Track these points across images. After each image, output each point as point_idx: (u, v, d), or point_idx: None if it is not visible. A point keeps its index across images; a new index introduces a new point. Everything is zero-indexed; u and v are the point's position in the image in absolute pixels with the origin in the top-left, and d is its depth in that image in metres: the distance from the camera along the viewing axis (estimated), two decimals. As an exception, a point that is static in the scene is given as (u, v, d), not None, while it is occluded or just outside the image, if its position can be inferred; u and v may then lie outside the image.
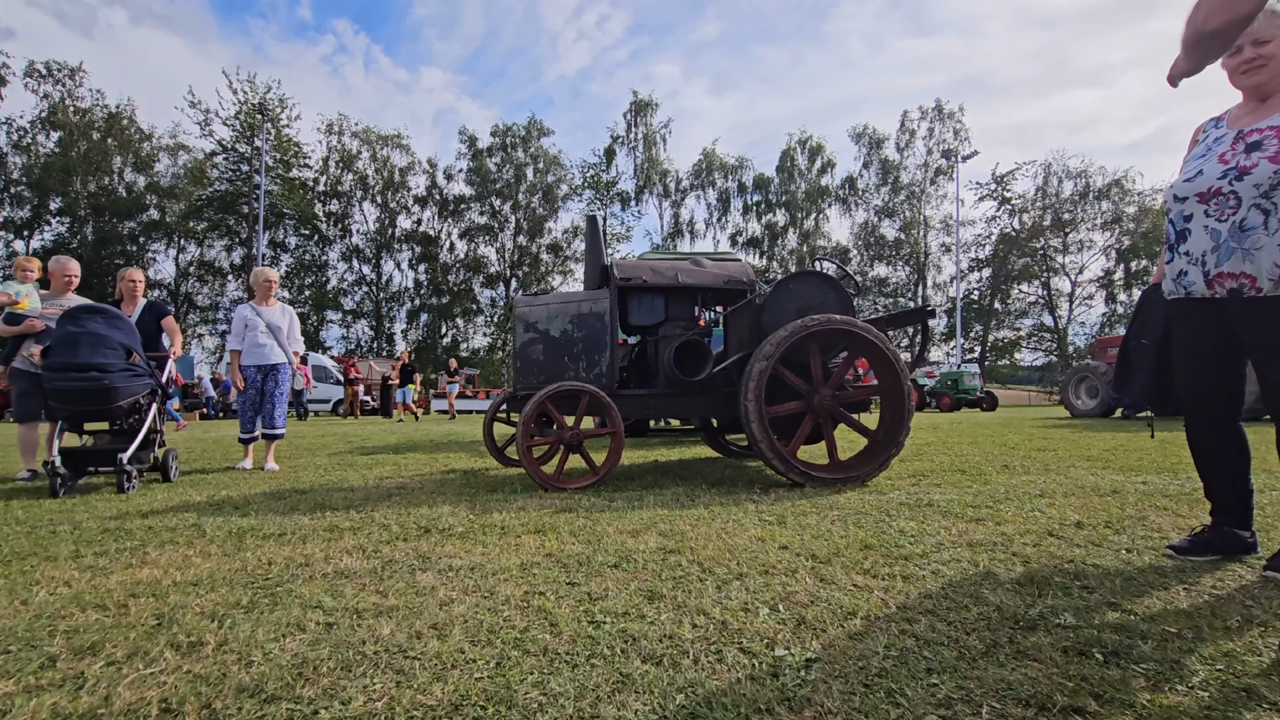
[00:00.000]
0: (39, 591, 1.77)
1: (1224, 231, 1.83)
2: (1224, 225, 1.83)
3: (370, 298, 40.40)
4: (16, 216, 33.43)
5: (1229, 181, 1.83)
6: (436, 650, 1.32)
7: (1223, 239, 1.83)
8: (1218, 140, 1.94)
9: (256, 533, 2.51)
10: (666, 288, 4.09)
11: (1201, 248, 1.88)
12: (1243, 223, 1.80)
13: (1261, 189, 1.77)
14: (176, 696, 1.14)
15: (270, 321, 5.05)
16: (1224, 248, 1.83)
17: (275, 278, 5.34)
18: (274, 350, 5.02)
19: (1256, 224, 1.77)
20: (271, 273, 5.34)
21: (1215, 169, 1.87)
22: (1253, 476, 2.08)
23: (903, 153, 39.46)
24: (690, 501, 3.10)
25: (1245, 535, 1.99)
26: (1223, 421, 2.03)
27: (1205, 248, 1.87)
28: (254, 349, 4.98)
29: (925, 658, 1.26)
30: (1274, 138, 1.79)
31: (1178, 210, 1.96)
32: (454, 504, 3.11)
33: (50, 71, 33.10)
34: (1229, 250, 1.82)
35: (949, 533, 2.34)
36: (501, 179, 39.95)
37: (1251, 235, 1.78)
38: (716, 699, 1.11)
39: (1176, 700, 1.08)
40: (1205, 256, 1.87)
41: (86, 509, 3.14)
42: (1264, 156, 1.78)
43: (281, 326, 5.10)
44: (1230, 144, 1.89)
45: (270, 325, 5.04)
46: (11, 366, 4.35)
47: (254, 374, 4.97)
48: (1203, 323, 1.95)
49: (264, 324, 5.01)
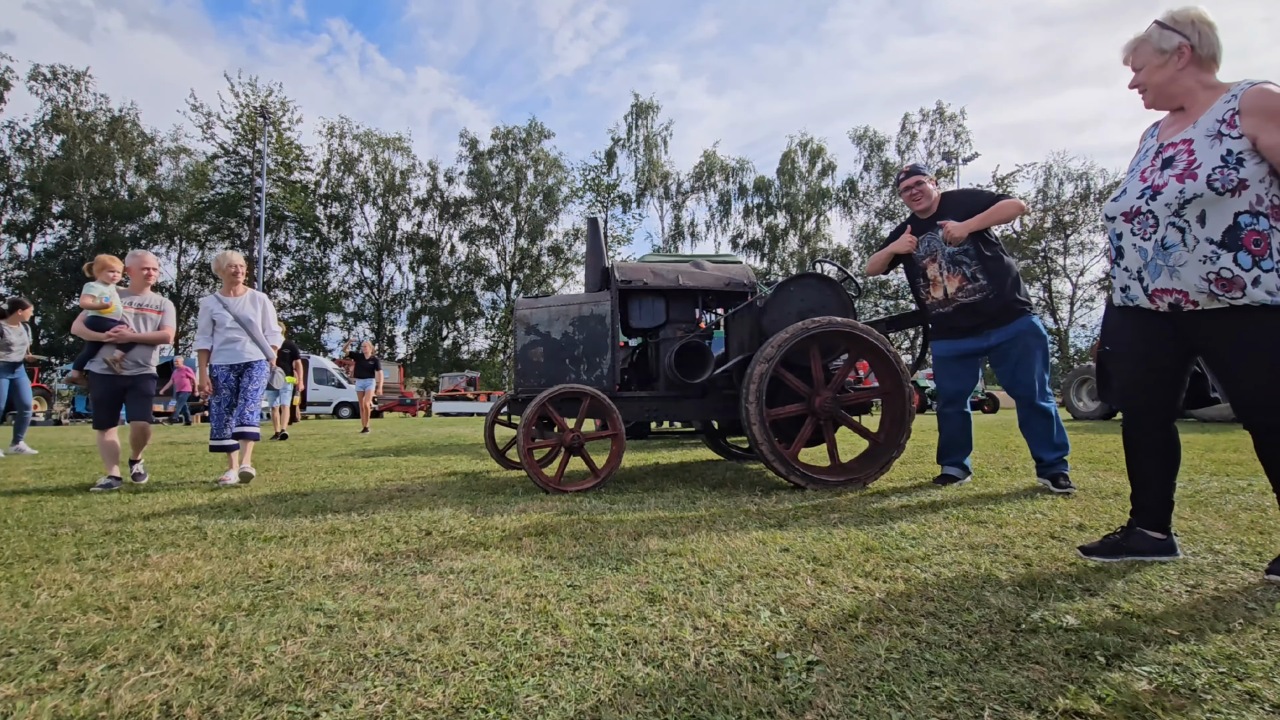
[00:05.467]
0: (40, 594, 1.77)
1: (1149, 250, 1.88)
2: (1148, 244, 1.88)
3: (371, 300, 40.45)
4: (19, 220, 33.55)
5: (1145, 201, 1.88)
6: (437, 653, 1.32)
7: (1149, 257, 1.88)
8: (1145, 154, 2.00)
9: (258, 535, 2.51)
10: (667, 290, 4.09)
11: (1135, 265, 1.94)
12: (1163, 241, 1.84)
13: (1172, 208, 1.82)
14: (178, 699, 1.14)
15: (239, 314, 4.39)
16: (1151, 265, 1.88)
17: (240, 262, 4.53)
18: (247, 346, 4.40)
19: (1176, 242, 1.82)
20: (235, 256, 4.53)
21: (1136, 188, 1.93)
22: (1249, 480, 2.07)
23: (904, 155, 39.46)
24: (691, 504, 3.10)
25: (1159, 537, 1.98)
26: (1158, 424, 2.02)
27: (1138, 265, 1.92)
28: (224, 346, 4.37)
29: (927, 660, 1.26)
30: (1185, 153, 1.84)
31: (1111, 229, 2.02)
32: (455, 506, 3.11)
33: (55, 75, 33.26)
34: (1156, 268, 1.87)
35: (950, 535, 2.33)
36: (502, 181, 40.03)
37: (1174, 253, 1.82)
38: (718, 702, 1.10)
39: (1179, 703, 1.08)
40: (1141, 272, 1.92)
41: (88, 511, 3.14)
42: (1173, 175, 1.83)
43: (253, 318, 4.45)
44: (1151, 159, 1.94)
45: (240, 318, 4.39)
46: (88, 370, 4.16)
47: (226, 374, 4.35)
48: (1149, 326, 1.97)
49: (232, 317, 4.37)
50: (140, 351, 4.23)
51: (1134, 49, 1.95)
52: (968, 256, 3.47)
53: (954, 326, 3.59)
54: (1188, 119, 1.89)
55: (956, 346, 3.62)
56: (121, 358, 4.14)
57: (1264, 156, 1.73)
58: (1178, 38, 1.86)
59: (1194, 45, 1.85)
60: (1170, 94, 1.92)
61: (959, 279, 3.49)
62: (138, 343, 4.21)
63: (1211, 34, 1.86)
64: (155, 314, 4.36)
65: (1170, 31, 1.87)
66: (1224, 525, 2.42)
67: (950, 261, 3.52)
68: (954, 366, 3.66)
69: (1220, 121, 1.79)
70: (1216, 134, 1.79)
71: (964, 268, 3.48)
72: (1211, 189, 1.75)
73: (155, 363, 4.34)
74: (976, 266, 3.45)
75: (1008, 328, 3.43)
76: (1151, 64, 1.91)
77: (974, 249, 3.46)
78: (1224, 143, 1.77)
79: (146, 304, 4.35)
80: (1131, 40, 1.96)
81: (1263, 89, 1.75)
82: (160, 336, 4.34)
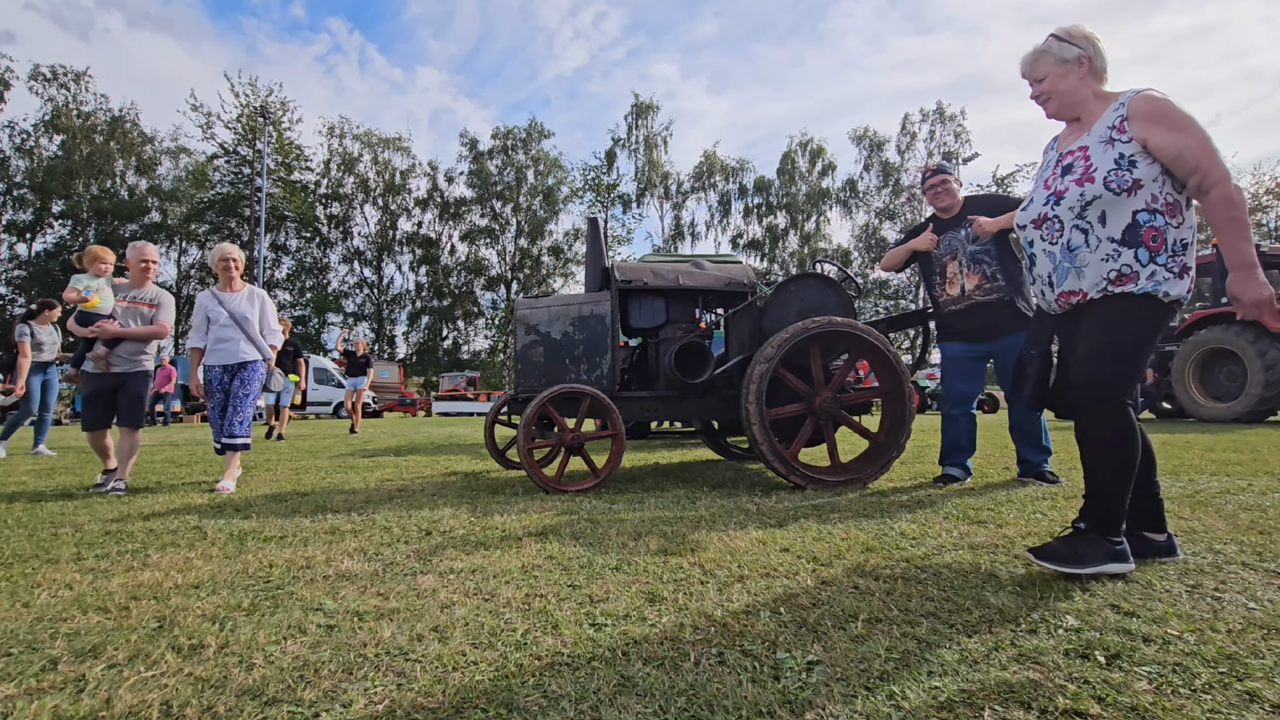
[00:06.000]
0: (40, 594, 1.77)
1: (1057, 254, 1.97)
2: (1056, 248, 1.97)
3: (371, 300, 40.46)
4: (19, 219, 33.57)
5: (1050, 207, 1.97)
6: (438, 653, 1.32)
7: (1058, 261, 1.97)
8: (1047, 165, 2.08)
9: (258, 535, 2.51)
10: (667, 290, 4.09)
11: (1044, 271, 2.02)
12: (1069, 243, 1.93)
13: (1075, 211, 1.91)
14: (178, 699, 1.14)
15: (235, 310, 4.12)
16: (1059, 269, 1.97)
17: (237, 255, 4.22)
18: (241, 345, 4.11)
19: (1080, 244, 1.91)
20: (232, 249, 4.21)
21: (1041, 196, 2.01)
22: (1249, 480, 2.07)
23: (904, 155, 39.49)
24: (691, 504, 3.10)
25: (1158, 538, 1.96)
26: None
27: (1047, 270, 2.01)
28: (218, 345, 4.10)
29: (927, 660, 1.26)
30: (1082, 159, 1.92)
31: (1024, 238, 2.11)
32: (455, 506, 3.11)
33: (55, 75, 33.27)
34: (1064, 271, 1.95)
35: (950, 535, 2.33)
36: (502, 181, 40.04)
37: (1078, 254, 1.91)
38: (718, 701, 1.10)
39: (1179, 703, 1.08)
40: (1051, 277, 2.00)
41: (88, 511, 3.14)
42: (1072, 180, 1.92)
43: (250, 316, 4.17)
44: (1053, 168, 2.02)
45: (235, 315, 4.11)
46: (82, 369, 3.94)
47: (219, 375, 4.10)
48: (1063, 331, 2.05)
49: (227, 314, 4.10)
50: (130, 348, 3.98)
51: (1034, 60, 2.02)
52: (989, 256, 3.54)
53: (967, 328, 3.63)
54: (1083, 129, 1.99)
55: (970, 349, 3.67)
56: (107, 354, 3.89)
57: (1155, 157, 1.82)
58: (1076, 50, 1.96)
59: (1090, 57, 1.95)
60: (1071, 103, 1.99)
61: (979, 277, 3.56)
62: (124, 338, 3.95)
63: (1102, 48, 1.97)
64: (148, 308, 4.09)
65: (1068, 44, 1.96)
66: (1224, 525, 2.42)
67: (971, 260, 3.58)
68: (965, 367, 3.71)
69: (1111, 128, 1.88)
70: (1109, 140, 1.88)
71: (985, 266, 3.55)
72: (1109, 190, 1.84)
73: (150, 360, 4.11)
74: (997, 267, 3.53)
75: (1019, 335, 3.49)
76: (1054, 73, 1.99)
77: (996, 250, 3.55)
78: (1116, 147, 1.86)
79: (140, 297, 4.08)
80: (1030, 53, 2.03)
81: (1147, 95, 1.86)
82: (149, 332, 4.04)
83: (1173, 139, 1.78)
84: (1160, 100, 1.83)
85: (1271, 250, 9.69)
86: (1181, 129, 1.78)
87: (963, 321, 3.65)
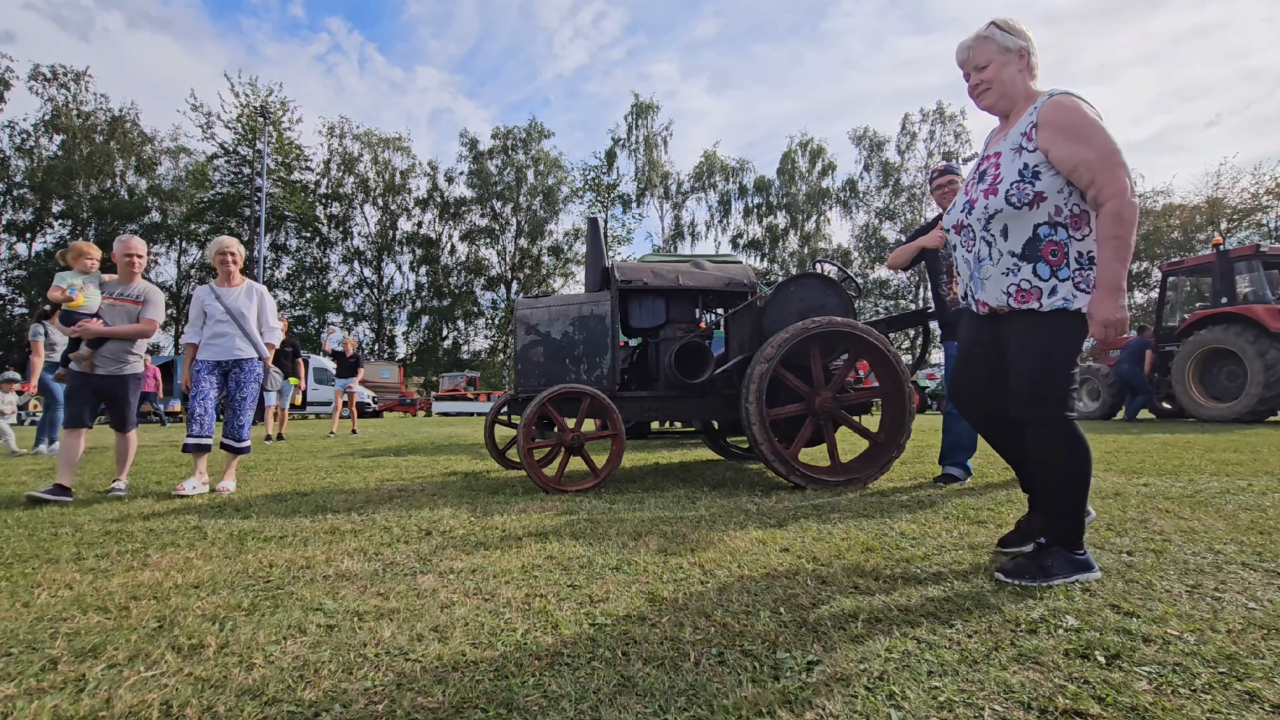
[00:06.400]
0: (40, 594, 1.77)
1: (971, 261, 1.98)
2: (970, 256, 1.98)
3: (371, 300, 40.47)
4: (19, 219, 33.58)
5: (965, 215, 1.96)
6: (437, 653, 1.32)
7: (972, 268, 1.98)
8: (974, 168, 2.05)
9: (257, 535, 2.51)
10: (667, 290, 4.09)
11: (965, 274, 2.04)
12: (978, 254, 1.94)
13: (982, 223, 1.89)
14: (178, 699, 1.14)
15: (231, 305, 3.95)
16: (974, 278, 1.98)
17: (235, 248, 4.08)
18: (237, 342, 3.94)
19: (985, 255, 1.91)
20: (230, 242, 4.07)
21: (960, 202, 2.00)
22: (1249, 480, 2.07)
23: (904, 155, 39.48)
24: (691, 504, 3.10)
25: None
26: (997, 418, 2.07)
27: (967, 274, 2.02)
28: (212, 341, 3.92)
29: (927, 660, 1.26)
30: (993, 167, 1.89)
31: (950, 242, 2.10)
32: (455, 506, 3.11)
33: (55, 75, 33.28)
34: (977, 281, 1.96)
35: (950, 535, 2.33)
36: (502, 181, 40.05)
37: (984, 265, 1.92)
38: (718, 701, 1.10)
39: (1179, 703, 1.08)
40: (969, 282, 2.02)
41: (88, 511, 3.14)
42: (982, 190, 1.90)
43: (247, 312, 4.00)
44: (974, 172, 2.00)
45: (232, 310, 3.94)
46: (69, 368, 3.77)
47: (210, 372, 3.90)
48: (981, 329, 2.03)
49: (223, 308, 3.94)
50: (116, 348, 3.76)
51: (975, 47, 1.93)
52: None
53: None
54: (1006, 129, 1.94)
55: None
56: (91, 354, 3.69)
57: (1056, 168, 1.77)
58: (1018, 41, 1.89)
59: (1029, 51, 1.90)
60: (1009, 95, 1.92)
61: None
62: (109, 338, 3.73)
63: (1035, 46, 1.91)
64: (134, 305, 3.85)
65: (1010, 34, 1.90)
66: (1224, 525, 2.42)
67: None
68: None
69: (1023, 135, 1.83)
70: (1019, 147, 1.83)
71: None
72: (1009, 204, 1.81)
73: (139, 360, 3.91)
74: None
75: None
76: (997, 61, 1.90)
77: None
78: (1023, 156, 1.81)
79: (127, 294, 3.85)
80: (970, 39, 1.94)
81: (1056, 101, 1.79)
82: (135, 330, 3.79)
83: (1072, 151, 1.73)
84: (1068, 108, 1.76)
85: (1272, 250, 9.70)
86: (1084, 140, 1.72)
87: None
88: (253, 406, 4.04)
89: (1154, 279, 34.06)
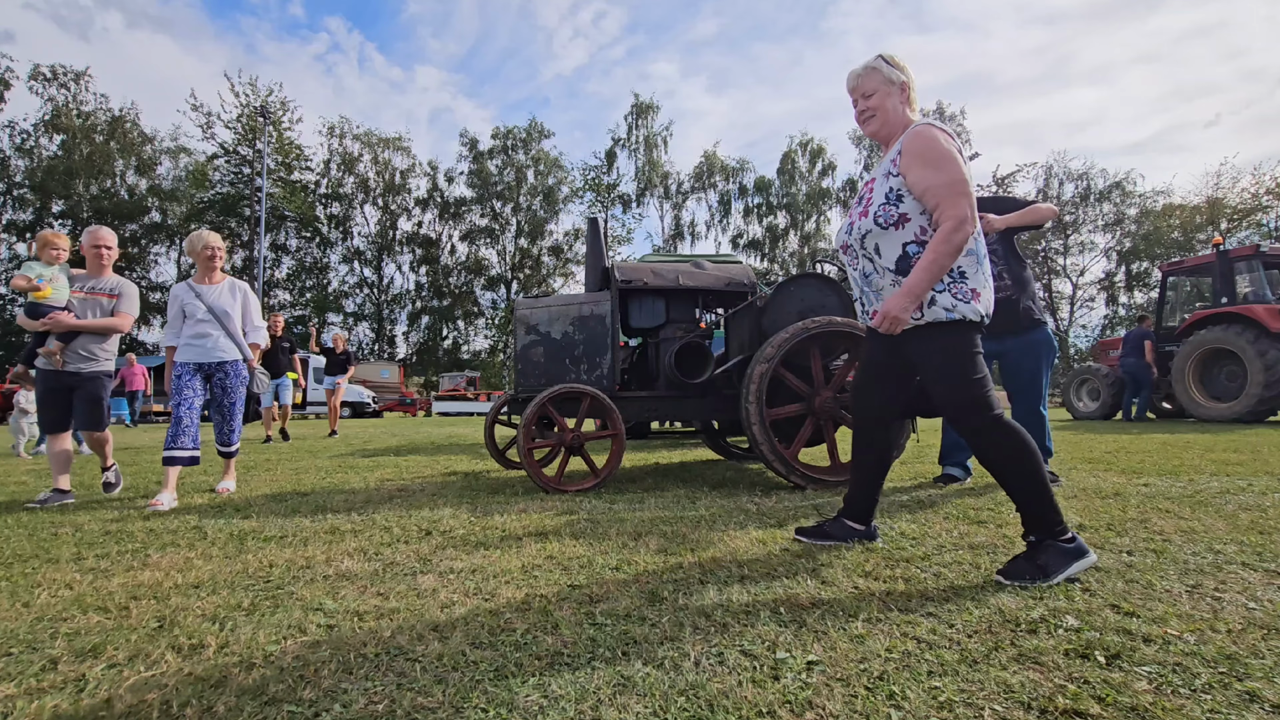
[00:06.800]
0: (40, 594, 1.77)
1: (859, 278, 2.13)
2: (857, 273, 2.13)
3: (371, 300, 40.48)
4: (19, 219, 33.59)
5: (848, 235, 2.12)
6: (438, 652, 1.32)
7: (861, 284, 2.13)
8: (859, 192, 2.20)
9: (258, 535, 2.51)
10: (667, 290, 4.09)
11: (857, 290, 2.18)
12: (864, 271, 2.09)
13: (859, 242, 2.05)
14: (178, 699, 1.14)
15: (214, 304, 3.71)
16: (865, 292, 2.12)
17: (218, 243, 3.82)
18: (220, 342, 3.70)
19: (871, 272, 2.06)
20: (213, 237, 3.81)
21: (844, 223, 2.16)
22: (1249, 480, 2.08)
23: (903, 155, 39.43)
24: (691, 504, 3.10)
25: (858, 526, 2.22)
26: (876, 425, 2.23)
27: (859, 291, 2.17)
28: (193, 341, 3.66)
29: (927, 660, 1.26)
30: (868, 190, 2.07)
31: (842, 259, 2.24)
32: (455, 506, 3.11)
33: (54, 75, 33.28)
34: (868, 296, 2.11)
35: (950, 535, 2.33)
36: (502, 181, 40.06)
37: (872, 280, 2.07)
38: (718, 702, 1.10)
39: (1179, 703, 1.08)
40: (862, 297, 2.16)
41: (88, 511, 3.14)
42: (858, 212, 2.08)
43: (231, 311, 3.77)
44: (857, 196, 2.17)
45: (215, 309, 3.70)
46: (36, 367, 3.57)
47: (191, 374, 3.64)
48: (877, 342, 2.18)
49: (205, 307, 3.69)
50: (86, 343, 3.57)
51: (864, 75, 2.08)
52: (996, 256, 3.58)
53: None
54: (885, 156, 2.09)
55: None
56: (60, 349, 3.48)
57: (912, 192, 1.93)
58: (900, 75, 2.06)
59: (910, 86, 2.07)
60: (890, 123, 2.06)
61: None
62: (80, 332, 3.54)
63: (914, 81, 2.09)
64: (107, 298, 3.66)
65: (894, 69, 2.06)
66: (1224, 525, 2.42)
67: None
68: None
69: (892, 161, 2.00)
70: (887, 173, 2.00)
71: (991, 266, 3.55)
72: (878, 224, 1.98)
73: (110, 358, 3.71)
74: (1004, 267, 3.56)
75: (1025, 337, 3.53)
76: (882, 91, 2.06)
77: (1002, 249, 3.58)
78: (889, 181, 1.98)
79: (99, 287, 3.66)
80: (860, 68, 2.10)
81: (917, 131, 1.94)
82: (108, 324, 3.61)
83: (923, 176, 1.89)
84: (926, 138, 1.91)
85: (1272, 250, 9.70)
86: (934, 167, 1.87)
87: None
88: (241, 410, 3.87)
89: (1154, 279, 34.08)
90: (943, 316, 1.89)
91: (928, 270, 1.85)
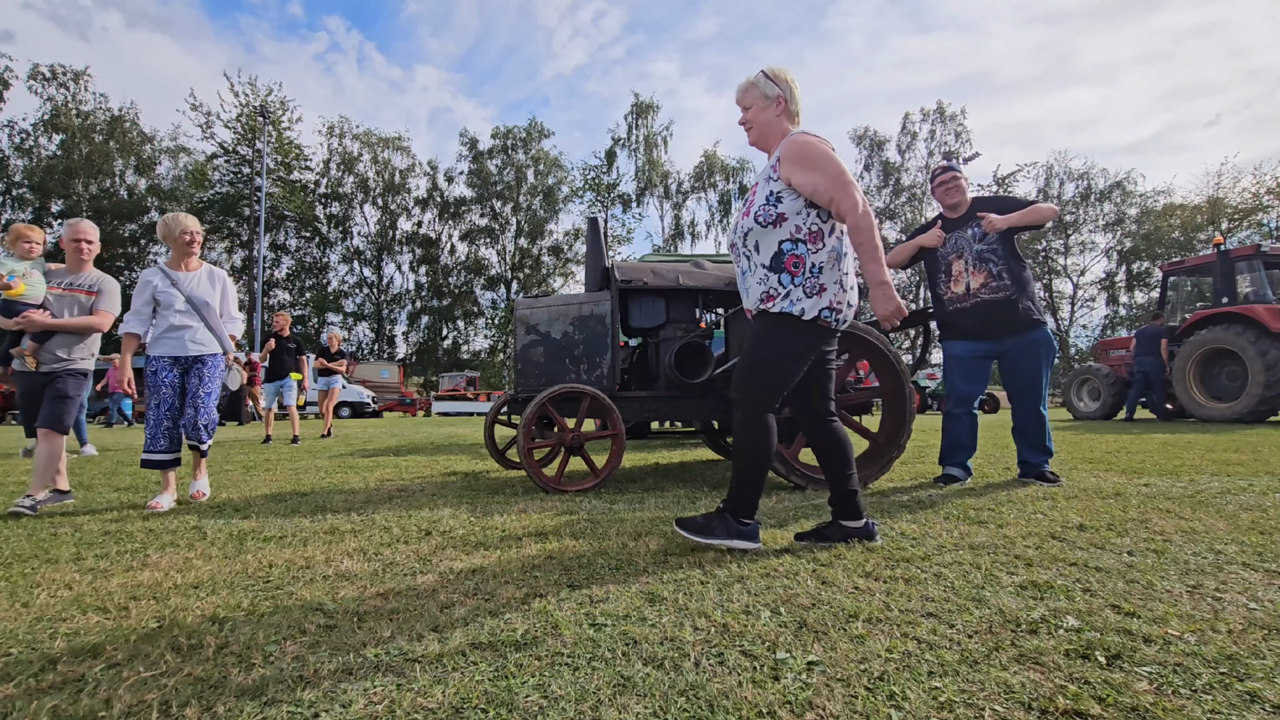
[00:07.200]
0: (40, 594, 1.77)
1: (739, 275, 2.28)
2: (738, 270, 2.28)
3: (371, 300, 40.47)
4: (18, 219, 33.56)
5: (734, 235, 2.27)
6: (437, 653, 1.32)
7: (742, 280, 2.27)
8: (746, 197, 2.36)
9: (257, 535, 2.51)
10: (667, 290, 4.09)
11: (741, 288, 2.30)
12: (742, 267, 2.24)
13: (743, 239, 2.20)
14: (177, 699, 1.14)
15: (192, 294, 3.43)
16: (744, 288, 2.26)
17: (197, 228, 3.53)
18: (199, 335, 3.43)
19: (746, 268, 2.21)
20: (191, 220, 3.51)
21: (731, 224, 2.43)
22: (1249, 480, 2.08)
23: (904, 155, 39.48)
24: (691, 504, 3.10)
25: (852, 525, 2.21)
26: (813, 422, 2.30)
27: (742, 287, 2.29)
28: (169, 334, 3.38)
29: (927, 661, 1.26)
30: (752, 193, 2.23)
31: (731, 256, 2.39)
32: (455, 506, 3.11)
33: (54, 75, 33.28)
34: (744, 289, 2.26)
35: (950, 535, 2.33)
36: (502, 181, 40.05)
37: (746, 277, 2.23)
38: (718, 702, 1.10)
39: (1179, 704, 1.08)
40: (741, 292, 2.30)
41: (88, 512, 3.14)
42: (742, 213, 2.23)
43: (210, 301, 3.49)
44: (744, 199, 2.31)
45: (194, 299, 3.43)
46: (12, 368, 3.44)
47: (169, 369, 3.37)
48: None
49: (183, 297, 3.41)
50: (62, 342, 3.39)
51: (745, 90, 2.25)
52: (995, 255, 3.58)
53: (971, 326, 3.65)
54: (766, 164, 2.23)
55: (975, 348, 3.69)
56: (35, 349, 3.32)
57: (799, 193, 2.07)
58: (777, 89, 2.20)
59: (787, 99, 2.21)
60: (766, 135, 2.23)
61: (984, 275, 3.60)
62: (56, 330, 3.36)
63: (798, 94, 2.23)
64: (86, 295, 3.47)
65: (772, 82, 2.21)
66: (1224, 525, 2.42)
67: (977, 259, 3.63)
68: (970, 366, 3.72)
69: (771, 167, 2.16)
70: (767, 178, 2.16)
71: (990, 265, 3.59)
72: (758, 223, 2.14)
73: (89, 357, 3.52)
74: (1003, 266, 3.56)
75: (1025, 337, 3.54)
76: (758, 105, 2.22)
77: (1002, 249, 3.58)
78: (769, 185, 2.14)
79: (77, 284, 3.47)
80: (744, 83, 2.27)
81: (792, 139, 2.10)
82: (87, 324, 3.42)
83: (808, 178, 2.04)
84: (802, 144, 2.08)
85: (1272, 250, 9.69)
86: (816, 168, 2.03)
87: (967, 319, 3.66)
88: (215, 402, 3.60)
89: (1155, 279, 34.08)
90: (784, 307, 2.08)
91: (871, 258, 2.01)
